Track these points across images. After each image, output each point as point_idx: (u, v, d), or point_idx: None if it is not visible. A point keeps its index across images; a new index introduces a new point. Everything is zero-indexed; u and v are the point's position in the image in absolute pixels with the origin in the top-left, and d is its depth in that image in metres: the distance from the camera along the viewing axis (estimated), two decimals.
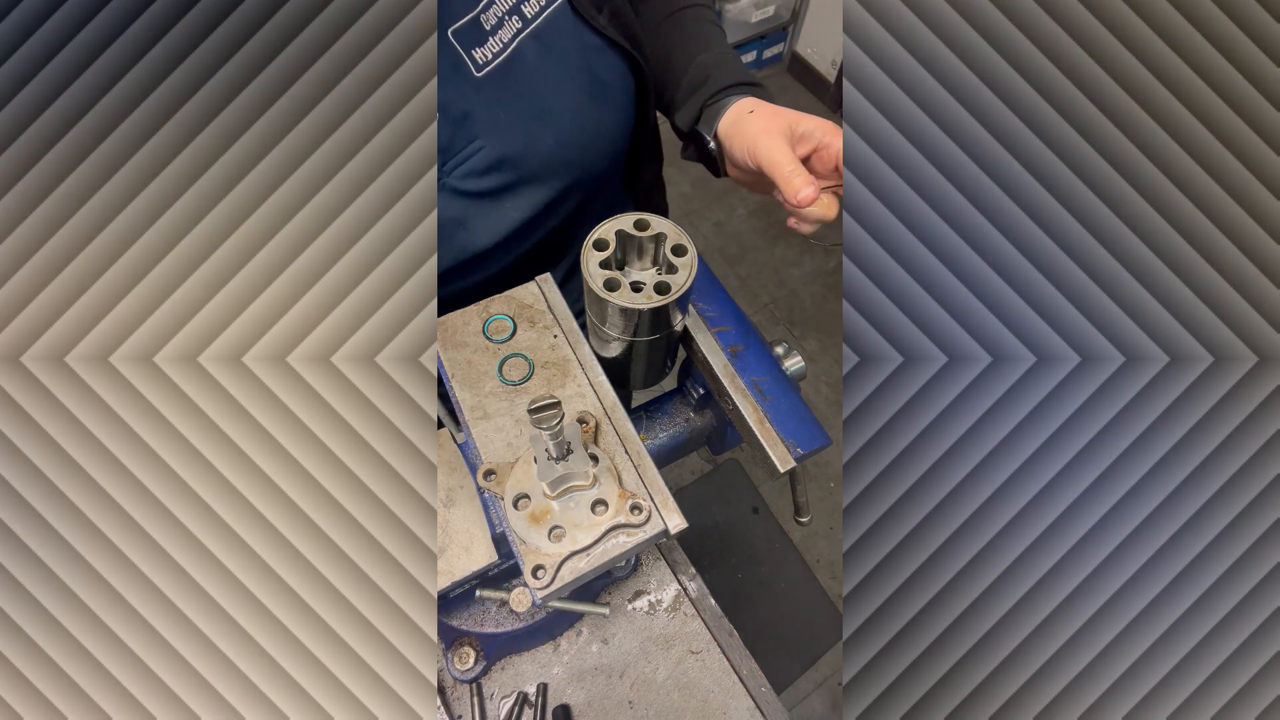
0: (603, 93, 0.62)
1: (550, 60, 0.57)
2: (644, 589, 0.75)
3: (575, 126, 0.60)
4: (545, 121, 0.58)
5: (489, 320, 0.54)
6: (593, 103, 0.61)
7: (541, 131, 0.58)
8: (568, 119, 0.60)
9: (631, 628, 0.73)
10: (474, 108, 0.55)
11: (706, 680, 0.70)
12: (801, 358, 0.61)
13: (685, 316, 0.57)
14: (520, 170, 0.59)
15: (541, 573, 0.43)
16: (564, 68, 0.58)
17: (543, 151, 0.59)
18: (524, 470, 0.47)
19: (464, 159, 0.57)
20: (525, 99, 0.57)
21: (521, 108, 0.57)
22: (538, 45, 0.57)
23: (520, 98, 0.57)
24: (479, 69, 0.55)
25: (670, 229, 0.51)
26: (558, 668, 0.70)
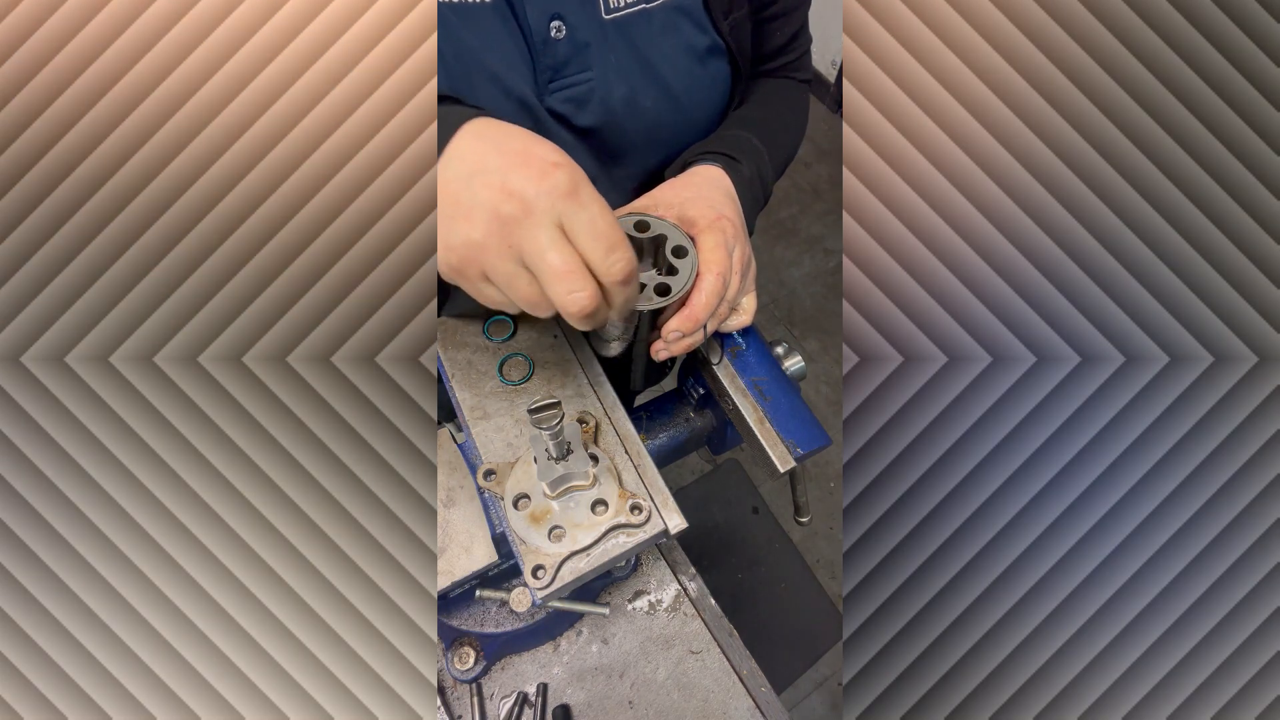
0: (710, 85, 0.63)
1: (673, 35, 0.59)
2: (644, 589, 0.75)
3: (673, 102, 0.62)
4: (649, 86, 0.60)
5: (489, 320, 0.54)
6: (693, 90, 0.62)
7: (643, 93, 0.60)
8: (668, 93, 0.61)
9: (631, 628, 0.73)
10: (596, 42, 0.56)
11: (706, 680, 0.70)
12: (801, 358, 0.61)
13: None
14: (610, 120, 0.59)
15: (541, 573, 0.43)
16: (684, 48, 0.60)
17: (638, 113, 0.60)
18: (524, 470, 0.47)
19: (571, 84, 0.57)
20: (643, 57, 0.59)
21: (638, 63, 0.59)
22: (665, 17, 0.59)
23: (635, 54, 0.58)
24: (609, 12, 0.56)
25: (671, 230, 0.51)
26: (558, 668, 0.70)
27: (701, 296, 0.49)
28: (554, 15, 0.54)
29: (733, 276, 0.51)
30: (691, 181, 0.57)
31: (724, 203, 0.54)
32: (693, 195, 0.54)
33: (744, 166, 0.60)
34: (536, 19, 0.54)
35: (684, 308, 0.49)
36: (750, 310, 0.58)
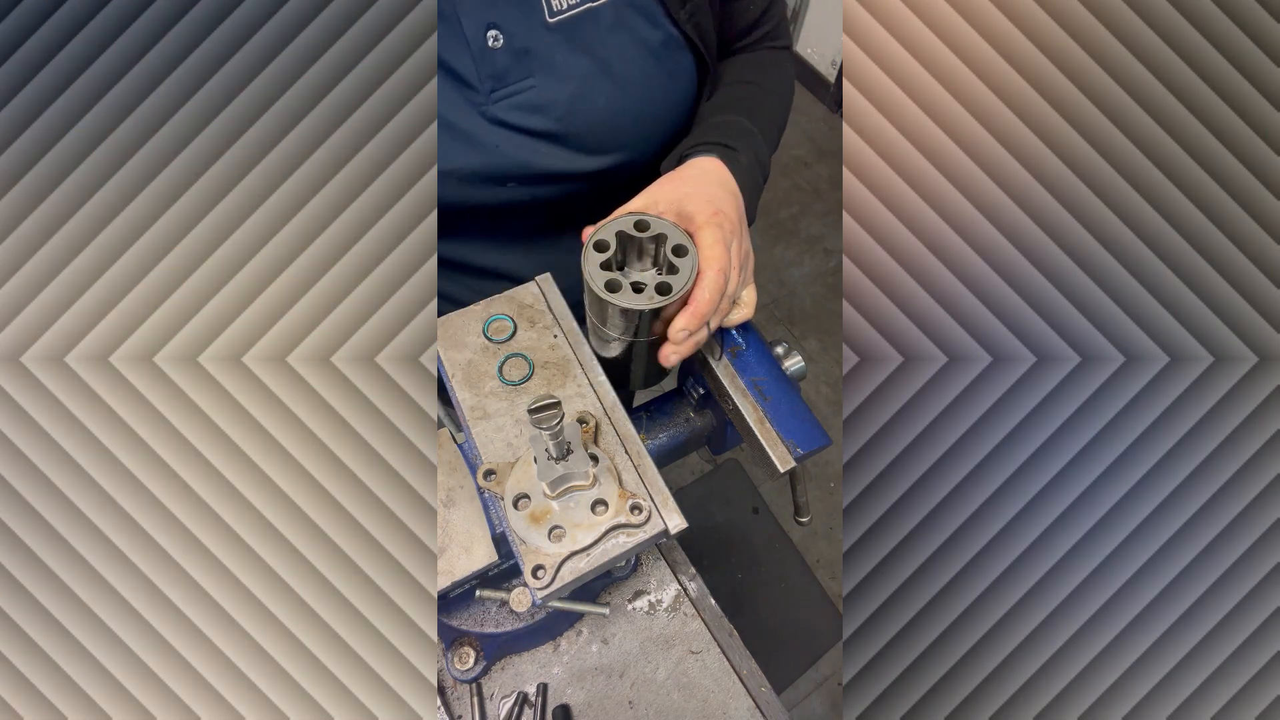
0: (668, 80, 0.63)
1: (621, 31, 0.59)
2: (644, 589, 0.75)
3: (628, 99, 0.62)
4: (600, 84, 0.60)
5: (489, 320, 0.54)
6: (649, 84, 0.62)
7: (594, 92, 0.60)
8: (628, 90, 0.61)
9: (631, 628, 0.73)
10: (537, 47, 0.57)
11: (706, 680, 0.70)
12: (801, 358, 0.61)
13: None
14: (566, 123, 0.60)
15: (541, 573, 0.43)
16: (636, 44, 0.60)
17: (590, 112, 0.60)
18: (524, 470, 0.47)
19: (514, 92, 0.58)
20: (588, 57, 0.58)
21: (582, 64, 0.59)
22: (615, 15, 0.58)
23: (583, 54, 0.58)
24: (553, 15, 0.56)
25: (671, 230, 0.51)
26: (558, 668, 0.70)
27: (704, 293, 0.49)
28: (490, 25, 0.55)
29: (732, 271, 0.51)
30: (688, 176, 0.56)
31: (721, 197, 0.54)
32: (690, 190, 0.54)
33: (741, 155, 0.60)
34: (473, 31, 0.54)
35: (688, 305, 0.50)
36: (750, 303, 0.58)
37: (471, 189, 0.61)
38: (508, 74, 0.57)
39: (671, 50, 0.62)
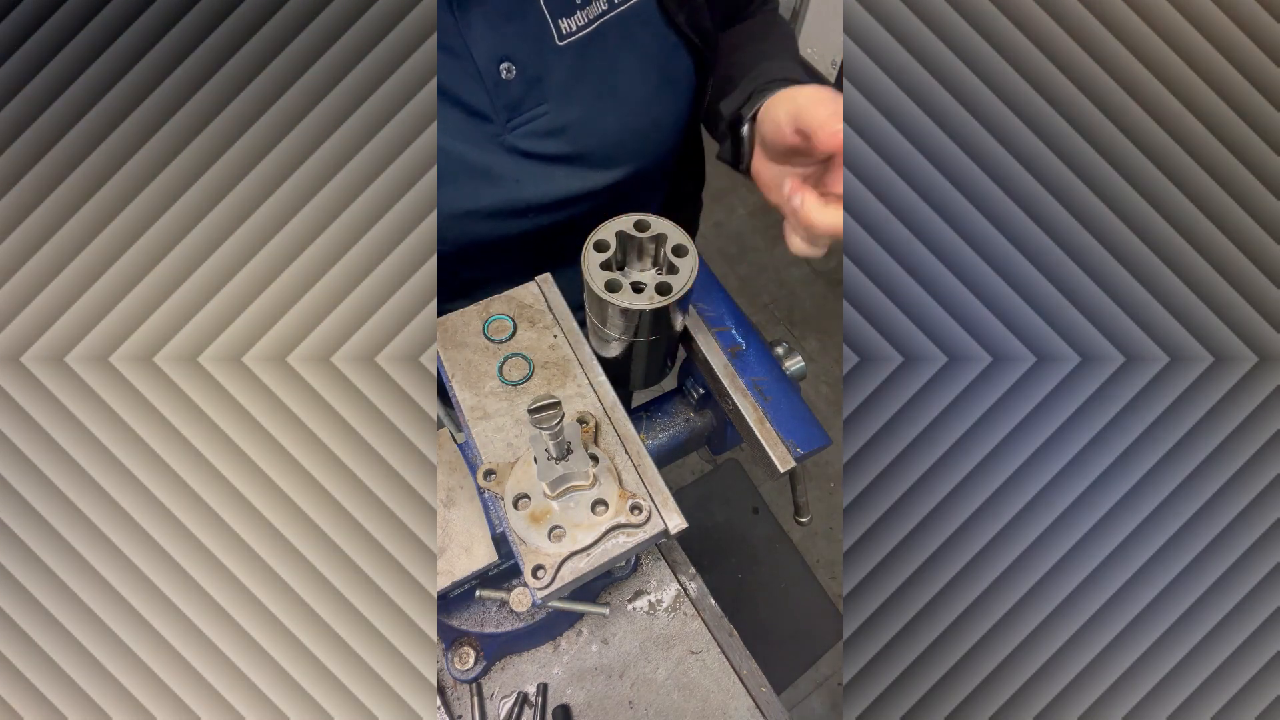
0: (669, 88, 0.64)
1: (628, 47, 0.60)
2: (644, 589, 0.75)
3: (639, 114, 0.62)
4: (613, 102, 0.60)
5: (489, 320, 0.54)
6: (659, 95, 0.63)
7: (607, 111, 0.60)
8: (634, 106, 0.62)
9: (631, 628, 0.73)
10: (549, 73, 0.57)
11: (706, 680, 0.70)
12: (801, 358, 0.61)
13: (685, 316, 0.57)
14: (579, 144, 0.61)
15: (541, 573, 0.43)
16: (640, 57, 0.60)
17: (604, 131, 0.61)
18: (524, 470, 0.47)
19: (529, 119, 0.58)
20: (598, 77, 0.59)
21: (593, 84, 0.59)
22: (620, 30, 0.59)
23: (594, 74, 0.59)
24: (561, 38, 0.57)
25: (671, 229, 0.51)
26: (558, 668, 0.70)
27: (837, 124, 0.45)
28: (503, 58, 0.55)
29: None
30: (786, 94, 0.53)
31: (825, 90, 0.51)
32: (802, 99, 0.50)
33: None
34: (486, 65, 0.54)
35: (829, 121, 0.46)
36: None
37: (494, 224, 0.62)
38: (522, 103, 0.57)
39: (676, 55, 0.63)
